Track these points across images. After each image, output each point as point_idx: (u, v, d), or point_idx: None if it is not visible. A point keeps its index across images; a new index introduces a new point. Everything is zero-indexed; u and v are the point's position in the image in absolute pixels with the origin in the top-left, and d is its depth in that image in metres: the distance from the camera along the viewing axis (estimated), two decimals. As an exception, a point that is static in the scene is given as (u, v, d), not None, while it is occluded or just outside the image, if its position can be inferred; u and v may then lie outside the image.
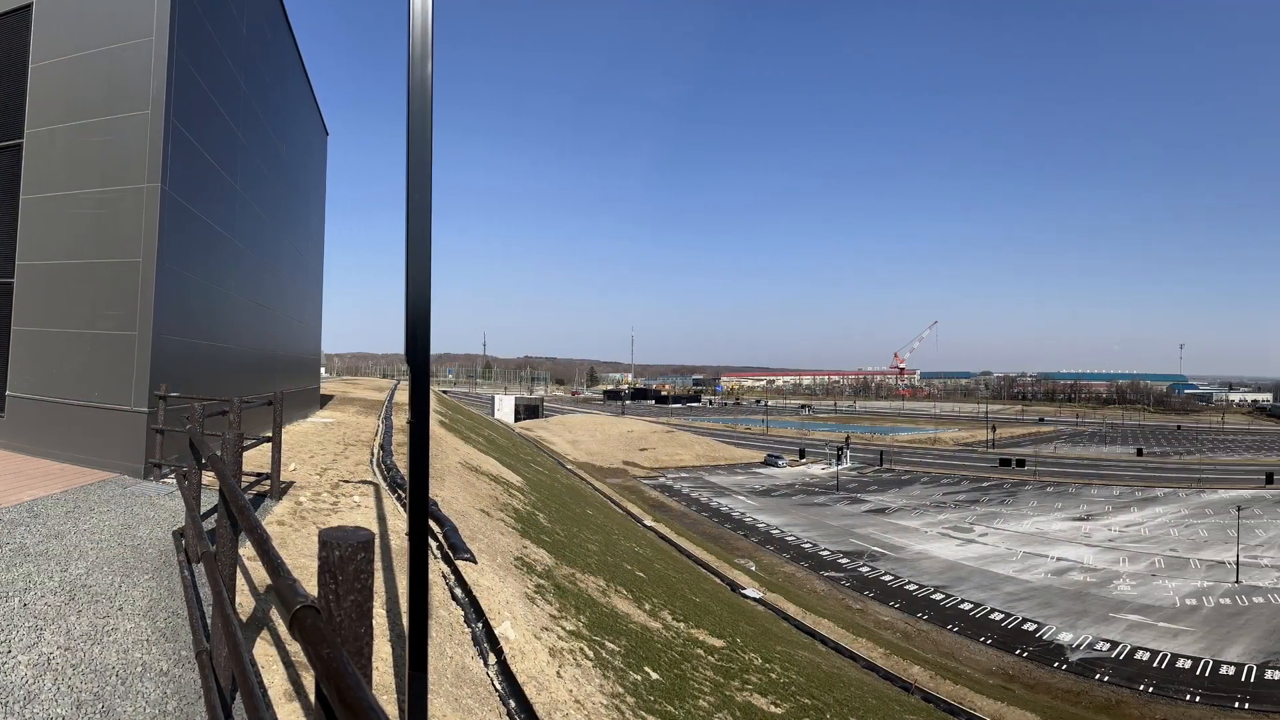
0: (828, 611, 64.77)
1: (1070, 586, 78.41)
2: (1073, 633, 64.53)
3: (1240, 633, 64.02)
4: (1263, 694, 52.50)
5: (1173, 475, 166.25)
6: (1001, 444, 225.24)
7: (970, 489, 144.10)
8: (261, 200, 36.77)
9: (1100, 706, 51.49)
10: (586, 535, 44.97)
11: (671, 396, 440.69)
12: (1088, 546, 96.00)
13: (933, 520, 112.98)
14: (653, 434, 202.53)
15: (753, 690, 26.70)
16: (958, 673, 53.25)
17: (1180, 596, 74.46)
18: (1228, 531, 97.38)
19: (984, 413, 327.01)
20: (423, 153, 7.05)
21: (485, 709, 13.08)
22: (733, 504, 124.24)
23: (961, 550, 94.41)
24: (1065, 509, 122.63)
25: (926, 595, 75.98)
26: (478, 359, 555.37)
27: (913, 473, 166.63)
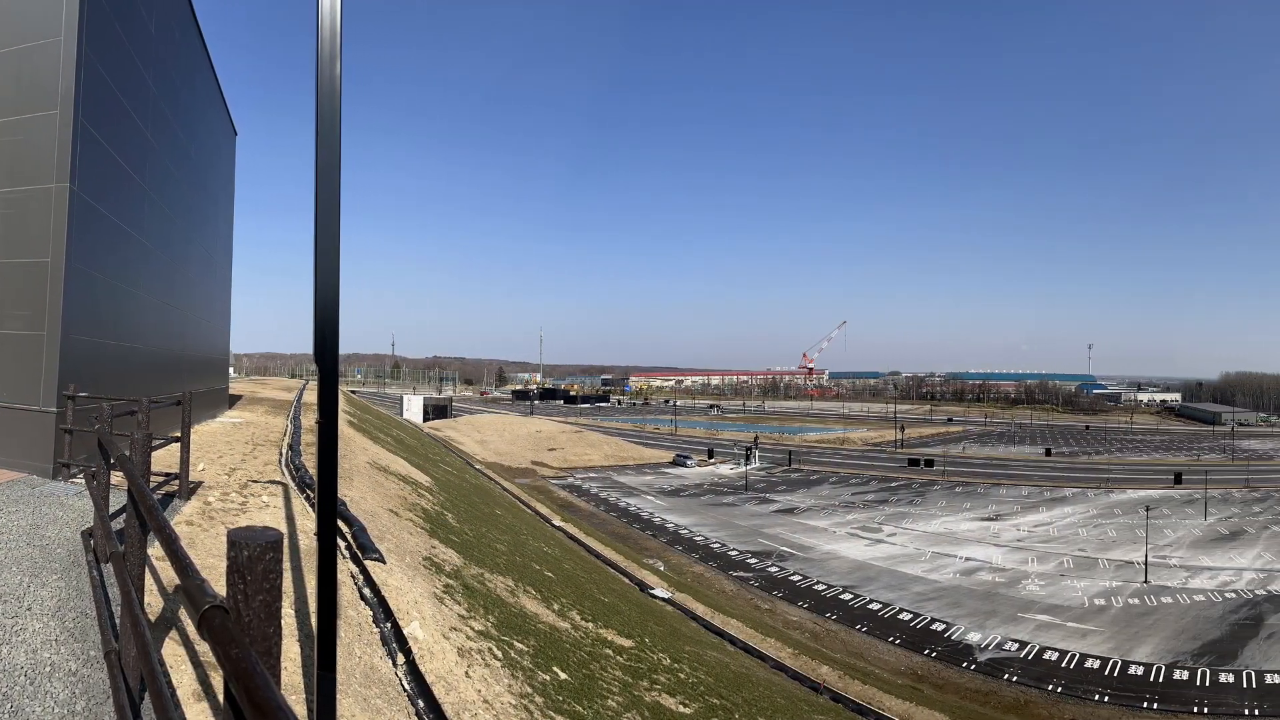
0: (736, 611, 66.26)
1: (979, 586, 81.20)
2: (981, 633, 66.84)
3: (1149, 633, 66.76)
4: (1171, 694, 54.87)
5: (1081, 475, 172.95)
6: (910, 444, 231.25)
7: (879, 489, 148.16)
8: (170, 201, 36.92)
9: (1009, 706, 53.45)
10: (495, 535, 45.38)
11: (580, 396, 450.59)
12: (996, 546, 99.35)
13: (841, 520, 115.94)
14: (561, 434, 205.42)
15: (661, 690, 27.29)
16: (866, 673, 54.79)
17: (1089, 596, 77.33)
18: (1136, 531, 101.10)
19: (893, 413, 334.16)
20: (331, 153, 7.20)
21: (394, 709, 13.48)
22: (641, 504, 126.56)
23: (870, 550, 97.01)
24: (974, 509, 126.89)
25: (835, 595, 78.01)
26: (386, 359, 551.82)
27: (821, 473, 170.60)
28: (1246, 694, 54.56)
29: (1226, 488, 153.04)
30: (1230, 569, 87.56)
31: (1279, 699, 53.61)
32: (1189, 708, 53.02)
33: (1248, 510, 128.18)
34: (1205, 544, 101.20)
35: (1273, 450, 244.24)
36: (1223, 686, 55.86)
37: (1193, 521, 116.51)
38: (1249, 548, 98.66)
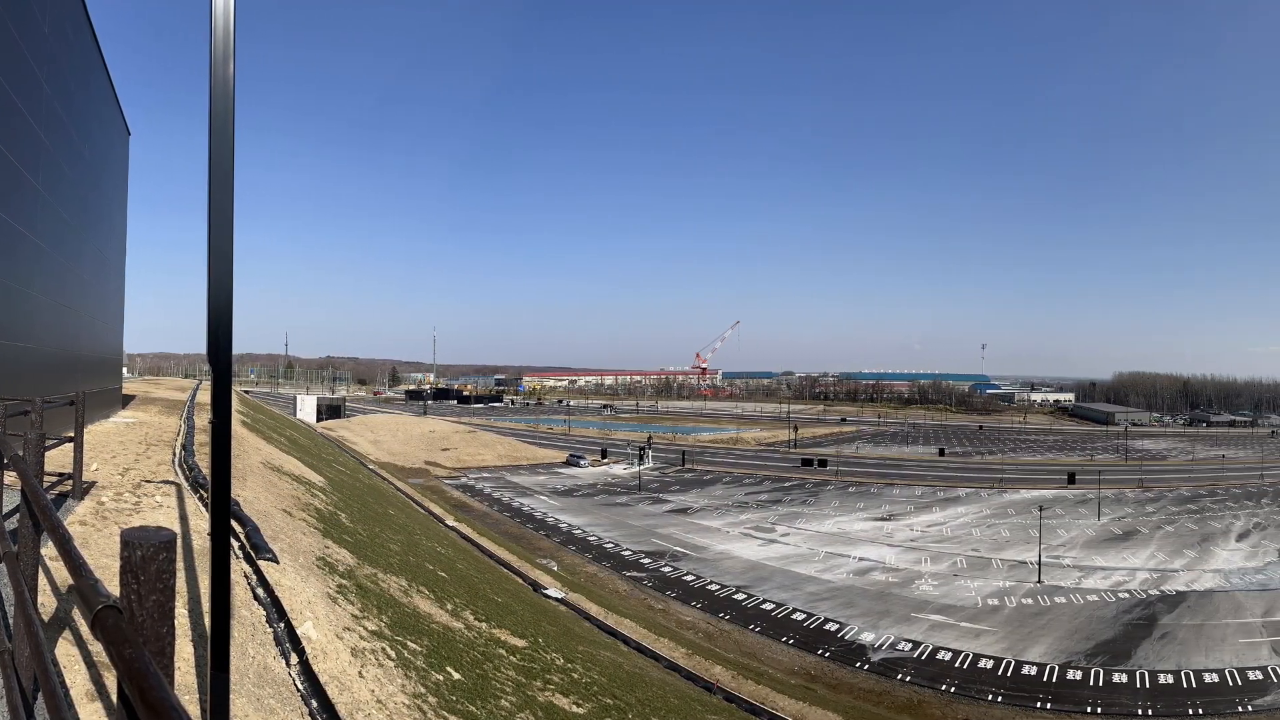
0: (630, 611, 67.49)
1: (872, 586, 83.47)
2: (875, 633, 68.79)
3: (1042, 633, 69.23)
4: (1064, 694, 57.05)
5: (975, 475, 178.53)
6: (804, 444, 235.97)
7: (772, 489, 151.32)
8: (64, 200, 36.42)
9: (902, 706, 55.25)
10: (389, 535, 45.56)
11: (474, 396, 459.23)
12: (890, 546, 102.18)
13: (735, 520, 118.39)
14: (455, 434, 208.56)
15: (555, 690, 27.88)
16: (760, 673, 56.12)
17: (982, 596, 79.97)
18: (1030, 531, 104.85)
19: (786, 413, 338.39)
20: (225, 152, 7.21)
21: (287, 709, 13.81)
22: (535, 504, 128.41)
23: (764, 550, 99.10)
24: (868, 509, 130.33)
25: (729, 595, 79.63)
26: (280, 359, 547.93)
27: (715, 473, 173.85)
28: (1140, 694, 56.81)
29: (1120, 488, 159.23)
30: (1124, 569, 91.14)
31: (1172, 699, 55.90)
32: (1082, 708, 55.03)
33: (1141, 510, 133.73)
34: (1099, 544, 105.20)
35: (1166, 450, 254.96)
36: (1116, 686, 58.06)
37: (1086, 521, 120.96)
38: (1142, 548, 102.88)
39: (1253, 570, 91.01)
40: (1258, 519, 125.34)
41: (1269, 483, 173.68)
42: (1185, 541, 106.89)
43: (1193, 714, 53.85)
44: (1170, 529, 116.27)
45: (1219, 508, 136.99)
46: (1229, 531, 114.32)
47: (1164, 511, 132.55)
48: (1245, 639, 67.36)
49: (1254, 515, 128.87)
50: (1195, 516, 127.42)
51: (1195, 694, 56.66)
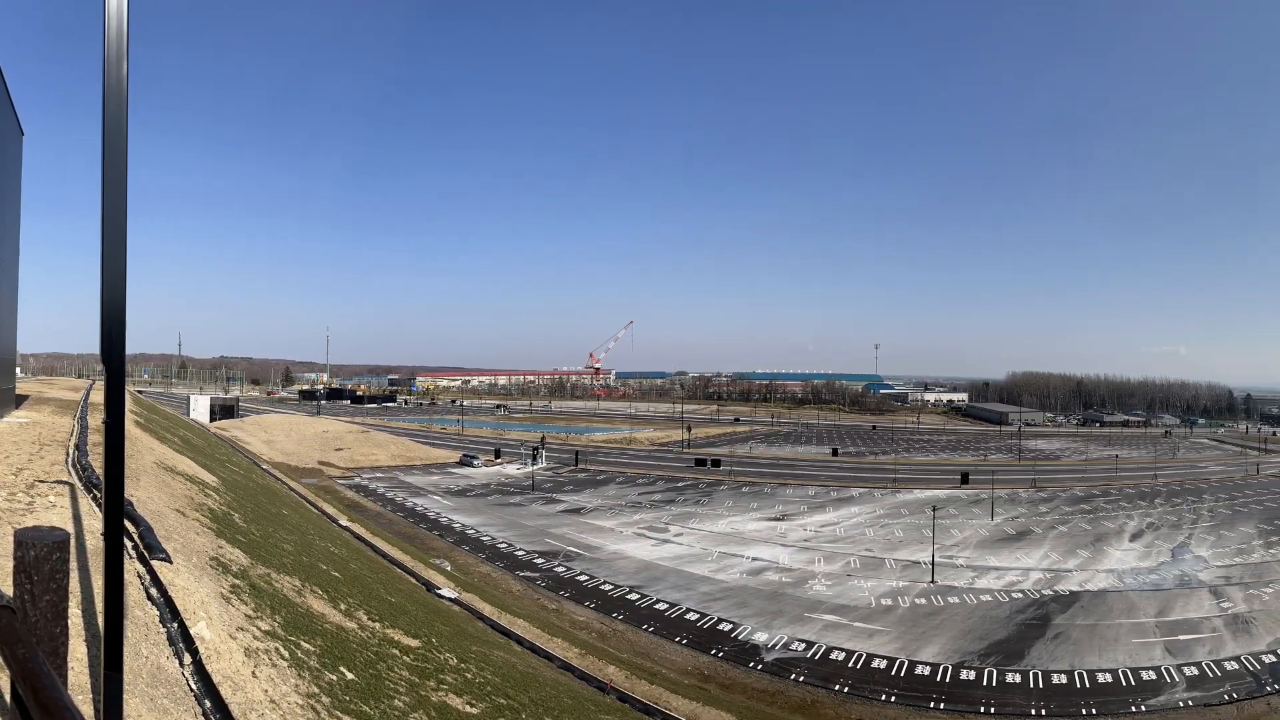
0: (523, 611, 68.50)
1: (766, 586, 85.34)
2: (768, 633, 70.38)
3: (935, 633, 71.49)
4: (957, 694, 59.01)
5: (868, 475, 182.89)
6: (697, 444, 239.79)
7: (666, 489, 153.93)
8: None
9: (796, 706, 56.78)
10: (282, 535, 45.60)
11: (367, 396, 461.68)
12: (783, 546, 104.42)
13: (628, 520, 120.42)
14: (348, 434, 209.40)
15: (448, 690, 28.37)
16: (653, 673, 57.21)
17: (876, 596, 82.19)
18: (923, 531, 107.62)
19: (679, 413, 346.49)
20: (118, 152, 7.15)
21: (181, 709, 14.22)
22: (428, 504, 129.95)
23: (657, 550, 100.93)
24: (761, 509, 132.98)
25: (622, 595, 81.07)
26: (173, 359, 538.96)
27: (608, 473, 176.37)
28: (1033, 694, 58.90)
29: (1013, 488, 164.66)
30: (1017, 569, 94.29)
31: (1065, 699, 58.09)
32: (975, 708, 56.90)
33: (1034, 510, 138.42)
34: (992, 544, 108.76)
35: (1059, 450, 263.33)
36: (1009, 686, 60.13)
37: (980, 521, 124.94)
38: (1035, 548, 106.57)
39: (1146, 570, 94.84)
40: (1151, 519, 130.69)
41: (1162, 483, 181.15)
42: (1079, 541, 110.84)
43: (1086, 714, 55.82)
44: (1064, 529, 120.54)
45: (1112, 508, 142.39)
46: (1122, 531, 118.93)
47: (1057, 511, 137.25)
48: (1139, 639, 70.13)
49: (1147, 515, 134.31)
50: (1089, 516, 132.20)
51: (1089, 694, 58.77)
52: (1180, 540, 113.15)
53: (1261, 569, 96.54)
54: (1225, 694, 59.07)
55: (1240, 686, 60.33)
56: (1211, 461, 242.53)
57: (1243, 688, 60.13)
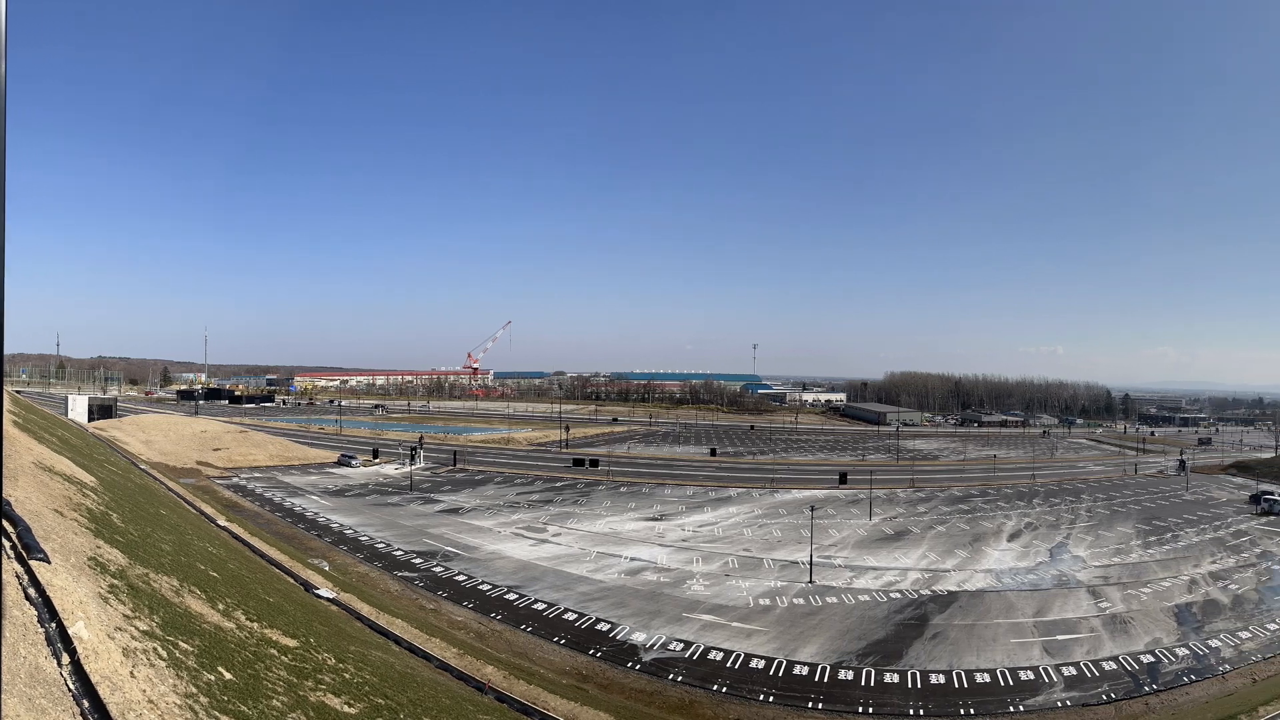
0: (401, 611, 68.86)
1: (644, 586, 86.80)
2: (647, 633, 71.74)
3: (814, 633, 73.18)
4: (836, 694, 60.50)
5: (746, 475, 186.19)
6: (575, 444, 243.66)
7: (544, 489, 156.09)
8: None
9: (674, 706, 57.90)
10: (160, 535, 45.29)
11: (245, 397, 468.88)
12: (661, 546, 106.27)
13: (507, 520, 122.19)
14: (227, 434, 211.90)
15: (326, 690, 28.79)
16: (531, 673, 57.96)
17: (754, 596, 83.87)
18: (801, 531, 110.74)
19: (558, 412, 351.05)
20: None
21: (59, 709, 14.66)
22: (306, 504, 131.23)
23: (535, 550, 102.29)
24: (639, 509, 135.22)
25: (500, 595, 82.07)
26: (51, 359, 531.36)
27: (486, 473, 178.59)
28: (911, 694, 60.67)
29: (892, 488, 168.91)
30: (895, 569, 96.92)
31: (944, 699, 59.84)
32: (854, 708, 58.35)
33: (912, 510, 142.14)
34: (870, 544, 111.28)
35: (937, 450, 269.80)
36: (888, 686, 61.85)
37: (858, 522, 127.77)
38: (914, 548, 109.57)
39: (1024, 570, 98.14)
40: (1029, 519, 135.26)
41: (1040, 483, 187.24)
42: (957, 541, 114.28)
43: (964, 714, 57.50)
44: (942, 529, 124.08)
45: (990, 508, 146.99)
46: (1000, 532, 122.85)
47: (936, 512, 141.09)
48: (1017, 639, 72.54)
49: (1025, 515, 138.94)
50: (967, 516, 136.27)
51: (967, 694, 60.59)
52: (1058, 540, 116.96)
53: (1139, 569, 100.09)
54: (1103, 694, 61.07)
55: (1118, 686, 62.46)
56: (1090, 461, 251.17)
57: (1121, 687, 62.24)
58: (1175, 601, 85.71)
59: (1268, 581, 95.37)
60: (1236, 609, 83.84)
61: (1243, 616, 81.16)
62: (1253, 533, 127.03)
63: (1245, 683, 64.17)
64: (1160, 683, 63.82)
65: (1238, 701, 58.98)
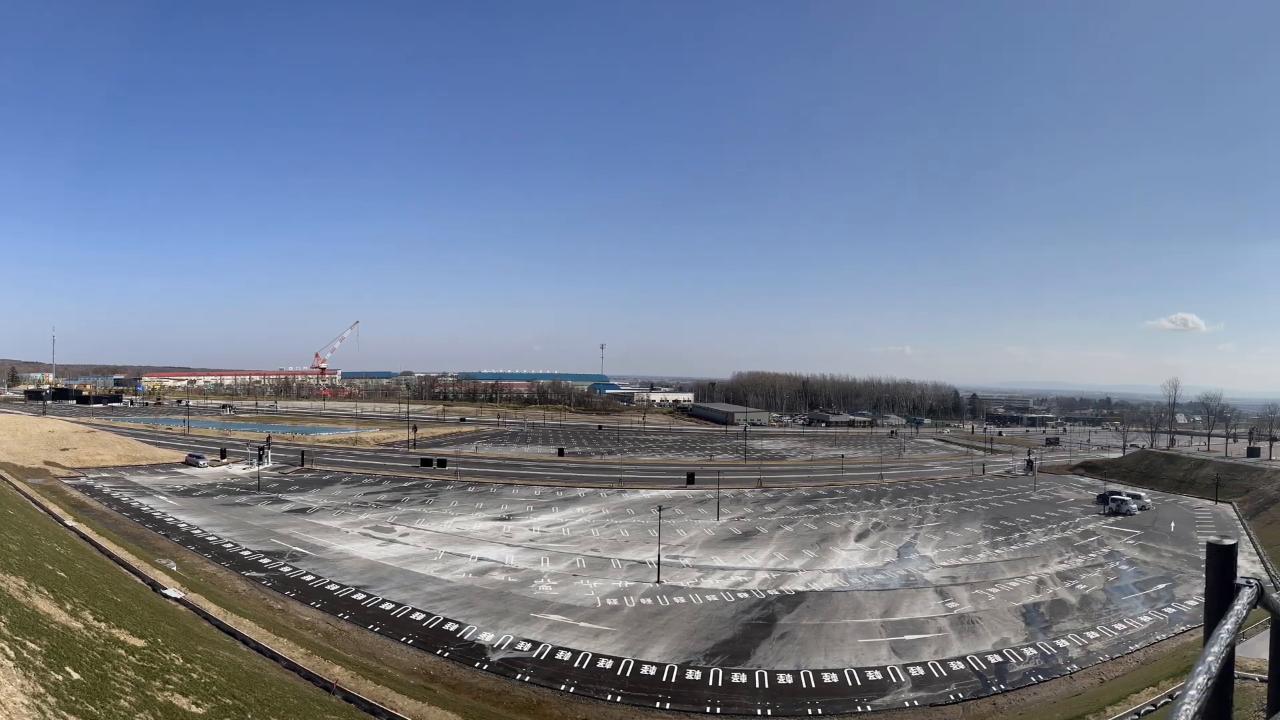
0: (249, 611, 69.00)
1: (492, 587, 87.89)
2: (494, 633, 72.85)
3: (662, 633, 74.87)
4: (684, 694, 62.08)
5: (594, 475, 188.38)
6: (423, 444, 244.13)
7: (392, 489, 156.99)
8: None
9: (521, 706, 59.28)
10: (8, 535, 44.89)
11: (93, 396, 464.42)
12: (509, 546, 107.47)
13: (354, 520, 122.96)
14: (74, 434, 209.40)
15: (174, 690, 29.28)
16: (379, 673, 58.60)
17: (602, 596, 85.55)
18: (649, 531, 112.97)
19: (406, 412, 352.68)
20: None
21: None
22: (154, 504, 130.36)
23: (383, 550, 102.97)
24: (487, 509, 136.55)
25: (348, 595, 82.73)
26: None
27: (334, 473, 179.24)
28: (759, 694, 62.37)
29: (739, 488, 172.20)
30: (743, 569, 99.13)
31: (791, 699, 61.62)
32: (701, 708, 59.94)
33: (760, 510, 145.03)
34: (718, 544, 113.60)
35: (785, 450, 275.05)
36: (735, 686, 63.49)
37: (705, 521, 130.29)
38: (761, 548, 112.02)
39: (872, 570, 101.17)
40: (877, 519, 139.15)
41: (888, 483, 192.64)
42: (805, 542, 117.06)
43: (812, 714, 59.31)
44: (790, 529, 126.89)
45: (838, 508, 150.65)
46: (848, 531, 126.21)
47: (783, 512, 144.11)
48: (865, 639, 74.83)
49: (873, 515, 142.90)
50: (814, 517, 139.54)
51: (815, 694, 62.43)
52: (906, 540, 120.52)
53: (987, 569, 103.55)
54: (951, 694, 63.13)
55: (966, 686, 64.56)
56: (937, 461, 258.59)
57: (968, 688, 64.35)
58: (1023, 602, 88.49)
59: (1115, 582, 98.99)
60: (1084, 609, 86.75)
61: (1090, 617, 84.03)
62: (1100, 533, 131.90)
63: (1093, 683, 66.23)
64: (1008, 683, 65.72)
65: (1085, 702, 60.66)
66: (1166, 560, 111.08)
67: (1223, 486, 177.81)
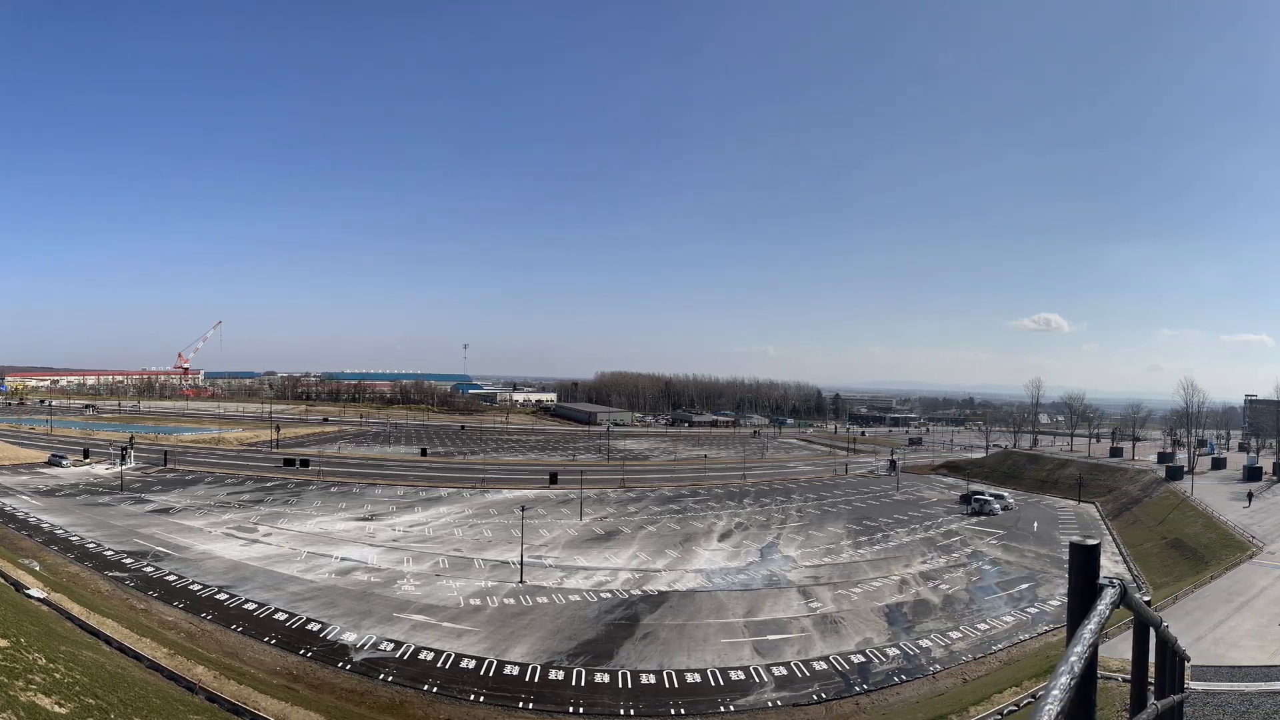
0: (112, 611, 68.52)
1: (355, 586, 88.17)
2: (357, 633, 73.13)
3: (525, 633, 75.75)
4: (547, 694, 62.97)
5: (458, 475, 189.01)
6: (286, 444, 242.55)
7: (255, 489, 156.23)
8: None
9: (384, 706, 59.92)
10: None
11: None
12: (372, 546, 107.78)
13: (218, 520, 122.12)
14: None
15: (37, 690, 29.38)
16: (242, 673, 58.73)
17: (465, 596, 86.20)
18: (512, 531, 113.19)
19: (269, 413, 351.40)
20: None
21: None
22: (16, 504, 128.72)
23: (246, 550, 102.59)
24: (350, 509, 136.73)
25: (211, 595, 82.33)
26: None
27: (198, 473, 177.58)
28: (622, 694, 63.37)
29: (603, 488, 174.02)
30: (606, 569, 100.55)
31: (654, 699, 62.60)
32: (564, 708, 60.89)
33: (623, 510, 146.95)
34: (581, 544, 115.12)
35: (648, 450, 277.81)
36: (598, 686, 64.50)
37: (569, 521, 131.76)
38: (624, 548, 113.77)
39: (735, 570, 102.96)
40: (740, 519, 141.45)
41: (751, 483, 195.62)
42: (668, 541, 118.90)
43: (675, 714, 60.37)
44: (653, 529, 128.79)
45: (701, 508, 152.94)
46: (711, 531, 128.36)
47: (646, 512, 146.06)
48: (728, 639, 76.07)
49: (736, 515, 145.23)
50: (678, 517, 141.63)
51: (678, 694, 63.42)
52: (769, 540, 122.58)
53: (850, 569, 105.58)
54: (814, 694, 64.26)
55: (829, 686, 65.77)
56: (800, 461, 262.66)
57: (832, 687, 65.59)
58: (886, 601, 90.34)
59: (978, 581, 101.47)
60: (947, 609, 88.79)
61: (953, 616, 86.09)
62: (963, 533, 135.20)
63: (956, 683, 67.52)
64: (871, 683, 66.96)
65: (948, 701, 61.48)
66: (1029, 560, 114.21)
67: (1085, 486, 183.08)
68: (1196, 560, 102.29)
